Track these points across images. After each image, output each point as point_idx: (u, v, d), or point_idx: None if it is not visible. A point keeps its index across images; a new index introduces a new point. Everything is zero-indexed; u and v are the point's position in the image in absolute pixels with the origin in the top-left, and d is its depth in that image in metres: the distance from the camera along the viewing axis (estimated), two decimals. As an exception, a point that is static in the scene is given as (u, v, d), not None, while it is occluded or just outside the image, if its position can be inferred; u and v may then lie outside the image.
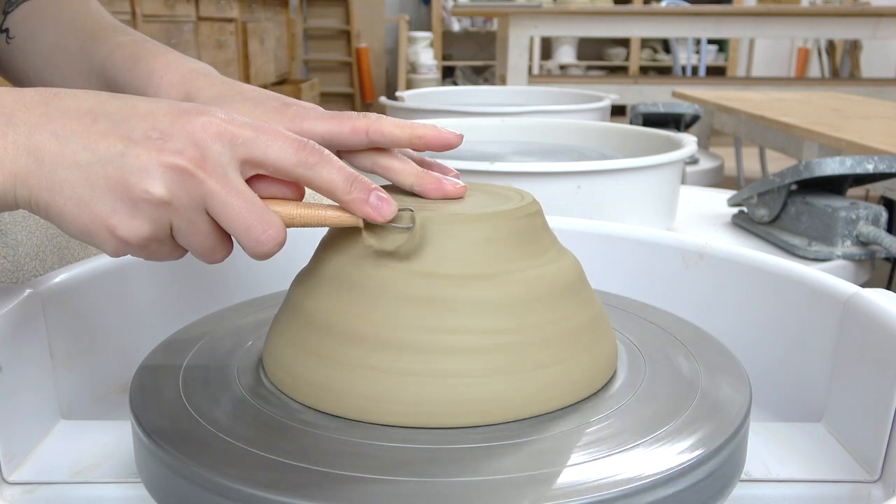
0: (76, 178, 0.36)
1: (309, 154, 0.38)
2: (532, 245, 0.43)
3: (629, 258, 0.66)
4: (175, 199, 0.37)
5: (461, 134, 0.46)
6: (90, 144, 0.36)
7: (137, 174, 0.36)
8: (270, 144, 0.38)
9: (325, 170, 0.39)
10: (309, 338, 0.41)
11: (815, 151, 1.61)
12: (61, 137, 0.36)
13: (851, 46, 4.30)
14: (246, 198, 0.38)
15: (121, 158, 0.36)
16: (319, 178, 0.39)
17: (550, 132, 1.42)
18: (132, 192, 0.36)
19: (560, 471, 0.35)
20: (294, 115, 0.47)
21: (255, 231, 0.38)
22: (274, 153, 0.38)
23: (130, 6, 2.80)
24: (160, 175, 0.36)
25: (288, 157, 0.38)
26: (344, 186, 0.39)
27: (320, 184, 0.39)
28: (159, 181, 0.36)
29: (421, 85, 5.25)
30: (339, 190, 0.39)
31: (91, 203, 0.37)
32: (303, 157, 0.38)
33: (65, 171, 0.36)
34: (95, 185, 0.36)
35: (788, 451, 0.46)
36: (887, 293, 0.47)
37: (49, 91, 0.38)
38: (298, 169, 0.38)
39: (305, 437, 0.38)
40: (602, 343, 0.43)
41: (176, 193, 0.37)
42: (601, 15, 3.25)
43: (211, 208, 0.37)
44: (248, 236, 0.38)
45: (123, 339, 0.57)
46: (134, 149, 0.36)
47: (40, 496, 0.43)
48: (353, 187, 0.39)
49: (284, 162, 0.38)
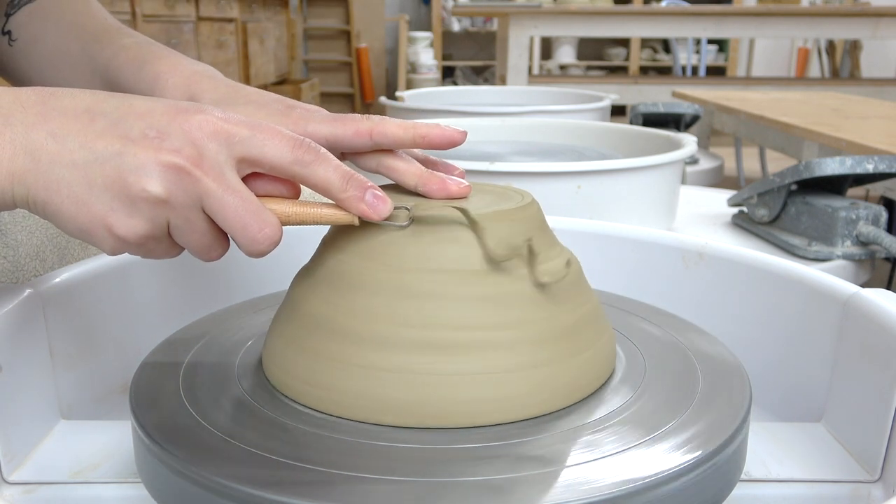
0: (74, 177, 0.36)
1: (305, 152, 0.39)
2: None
3: (629, 258, 0.66)
4: (172, 198, 0.37)
5: (465, 131, 0.46)
6: (88, 143, 0.36)
7: (135, 173, 0.36)
8: (266, 142, 0.38)
9: (320, 168, 0.39)
10: (308, 337, 0.41)
11: (815, 151, 1.61)
12: (58, 136, 0.37)
13: (851, 46, 4.30)
14: (242, 196, 0.38)
15: (118, 157, 0.36)
16: (315, 176, 0.39)
17: (550, 132, 1.42)
18: (130, 190, 0.36)
19: (560, 471, 0.35)
20: (298, 118, 0.47)
21: (251, 230, 0.38)
22: (270, 151, 0.38)
23: (130, 6, 2.80)
24: (157, 174, 0.36)
25: (284, 156, 0.38)
26: (339, 184, 0.39)
27: (316, 182, 0.39)
28: (157, 180, 0.36)
29: (421, 85, 5.25)
30: (335, 188, 0.39)
31: (89, 202, 0.37)
32: (298, 155, 0.38)
33: (62, 170, 0.36)
34: (93, 183, 0.36)
35: (788, 451, 0.46)
36: (887, 293, 0.48)
37: (46, 90, 0.38)
38: (294, 167, 0.39)
39: (305, 437, 0.38)
40: (600, 343, 0.43)
41: (173, 192, 0.37)
42: (601, 15, 3.25)
43: (207, 207, 0.38)
44: (244, 235, 0.38)
45: (123, 339, 0.57)
46: (131, 148, 0.36)
47: (40, 496, 0.43)
48: (349, 185, 0.39)
49: (280, 160, 0.38)
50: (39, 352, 0.48)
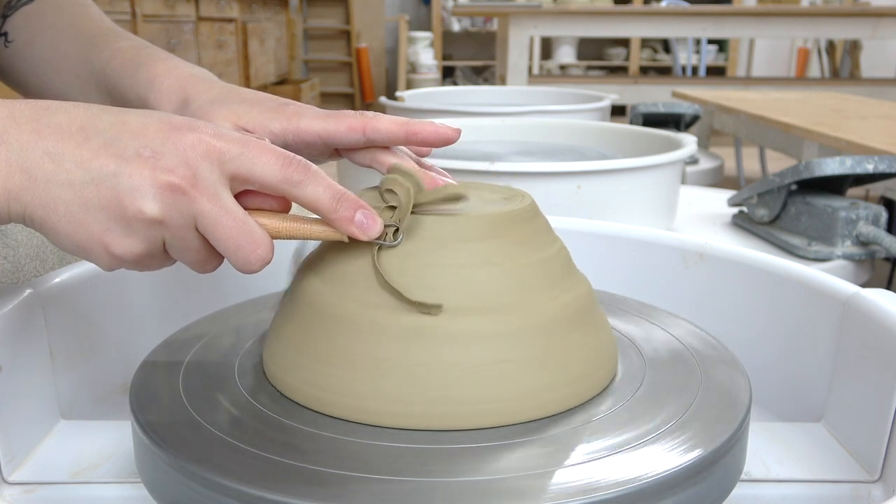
0: (70, 196, 0.37)
1: (294, 171, 0.39)
2: (530, 240, 0.43)
3: (629, 258, 0.66)
4: (167, 218, 0.37)
5: (458, 128, 0.46)
6: (83, 163, 0.37)
7: (130, 194, 0.36)
8: (256, 160, 0.38)
9: (310, 187, 0.39)
10: (308, 338, 0.41)
11: (815, 151, 1.61)
12: (54, 156, 0.37)
13: (851, 46, 4.30)
14: (236, 217, 0.38)
15: (114, 178, 0.36)
16: (304, 196, 0.39)
17: (550, 132, 1.42)
18: (126, 212, 0.37)
19: (559, 471, 0.35)
20: (291, 115, 0.47)
21: (244, 251, 0.38)
22: (259, 170, 0.38)
23: (130, 6, 2.80)
24: (153, 195, 0.37)
25: (273, 174, 0.38)
26: (329, 204, 0.39)
27: (306, 200, 0.39)
28: (152, 201, 0.37)
29: (421, 85, 5.26)
30: (325, 207, 0.39)
31: (85, 222, 0.37)
32: (288, 173, 0.38)
33: (58, 190, 0.37)
34: (89, 204, 0.37)
35: (788, 451, 0.46)
36: (887, 293, 0.48)
37: (40, 105, 0.38)
38: (283, 185, 0.39)
39: (305, 437, 0.38)
40: (599, 342, 0.43)
41: (168, 213, 0.37)
42: (601, 15, 3.25)
43: (202, 226, 0.38)
44: (237, 255, 0.38)
45: (123, 339, 0.57)
46: (126, 168, 0.37)
47: (40, 496, 0.43)
48: (339, 205, 0.39)
49: (270, 178, 0.38)
50: (39, 352, 0.48)
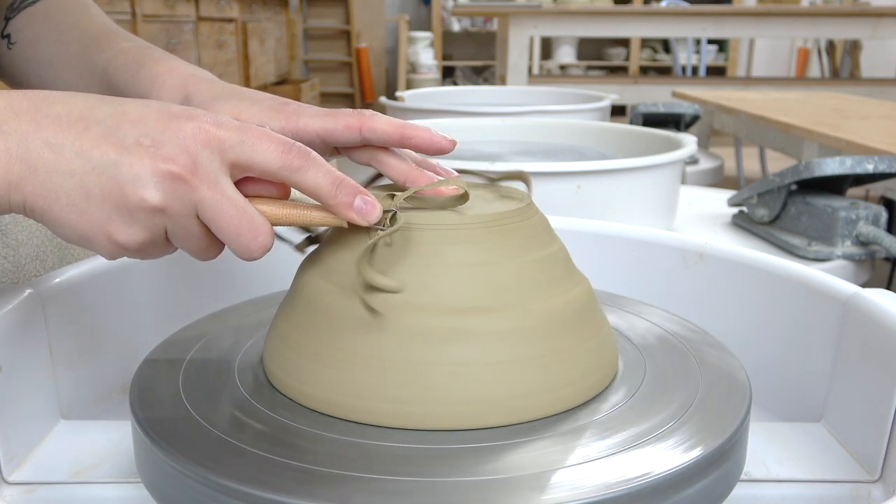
0: (71, 186, 0.37)
1: (294, 157, 0.39)
2: (530, 240, 0.43)
3: (629, 258, 0.66)
4: (169, 207, 0.37)
5: (454, 140, 0.46)
6: (83, 152, 0.37)
7: (132, 183, 0.37)
8: (256, 147, 0.38)
9: (309, 173, 0.39)
10: (308, 338, 0.41)
11: (815, 151, 1.61)
12: (54, 146, 0.37)
13: (851, 46, 4.30)
14: (237, 205, 0.38)
15: (114, 167, 0.37)
16: (304, 182, 0.39)
17: (550, 132, 1.42)
18: (128, 201, 0.37)
19: (560, 471, 0.35)
20: (290, 113, 0.47)
21: (244, 238, 0.38)
22: (259, 156, 0.38)
23: (130, 6, 2.80)
24: (154, 183, 0.37)
25: (273, 161, 0.39)
26: (329, 190, 0.39)
27: (306, 186, 0.39)
28: (153, 189, 0.37)
29: (421, 85, 5.26)
30: (325, 193, 0.39)
31: (88, 211, 0.37)
32: (288, 159, 0.39)
33: (60, 179, 0.37)
34: (91, 193, 0.37)
35: (788, 451, 0.46)
36: (887, 293, 0.48)
37: (38, 95, 0.38)
38: (284, 172, 0.39)
39: (305, 437, 0.38)
40: (600, 341, 0.43)
41: (169, 201, 0.37)
42: (601, 15, 3.25)
43: (203, 215, 0.38)
44: (238, 242, 0.38)
45: (123, 339, 0.57)
46: (127, 157, 0.37)
47: (40, 496, 0.43)
48: (339, 191, 0.39)
49: (270, 164, 0.39)
50: (39, 352, 0.48)
